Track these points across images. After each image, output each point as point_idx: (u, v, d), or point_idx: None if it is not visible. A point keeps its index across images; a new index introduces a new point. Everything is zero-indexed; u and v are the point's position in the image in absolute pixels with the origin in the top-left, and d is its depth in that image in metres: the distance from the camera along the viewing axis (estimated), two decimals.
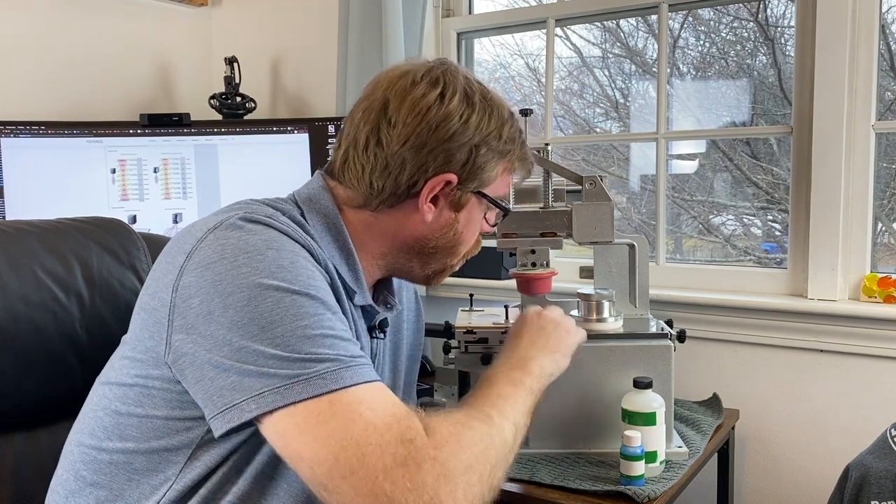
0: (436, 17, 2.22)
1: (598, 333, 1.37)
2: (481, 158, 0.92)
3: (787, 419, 1.72)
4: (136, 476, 0.81)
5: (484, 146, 0.92)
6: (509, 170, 0.98)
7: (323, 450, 0.70)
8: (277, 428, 0.72)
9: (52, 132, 1.99)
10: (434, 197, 0.92)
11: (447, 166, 0.91)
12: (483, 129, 0.92)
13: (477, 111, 0.92)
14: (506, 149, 0.95)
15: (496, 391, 0.91)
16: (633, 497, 1.21)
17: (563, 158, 2.18)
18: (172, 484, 0.80)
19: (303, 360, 0.73)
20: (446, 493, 0.70)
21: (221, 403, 0.73)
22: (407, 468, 0.69)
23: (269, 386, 0.72)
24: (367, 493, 0.68)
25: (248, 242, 0.78)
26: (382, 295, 1.02)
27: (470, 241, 1.00)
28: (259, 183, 2.09)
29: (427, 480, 0.69)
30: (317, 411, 0.71)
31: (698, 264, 2.00)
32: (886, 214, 1.78)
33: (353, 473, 0.69)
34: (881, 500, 1.11)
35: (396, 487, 0.68)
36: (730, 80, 2.01)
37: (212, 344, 0.74)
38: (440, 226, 0.95)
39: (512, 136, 0.95)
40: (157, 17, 2.42)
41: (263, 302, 0.74)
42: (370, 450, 0.70)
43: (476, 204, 0.96)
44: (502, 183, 0.98)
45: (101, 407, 0.85)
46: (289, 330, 0.74)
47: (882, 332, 1.59)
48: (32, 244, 1.06)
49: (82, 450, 0.85)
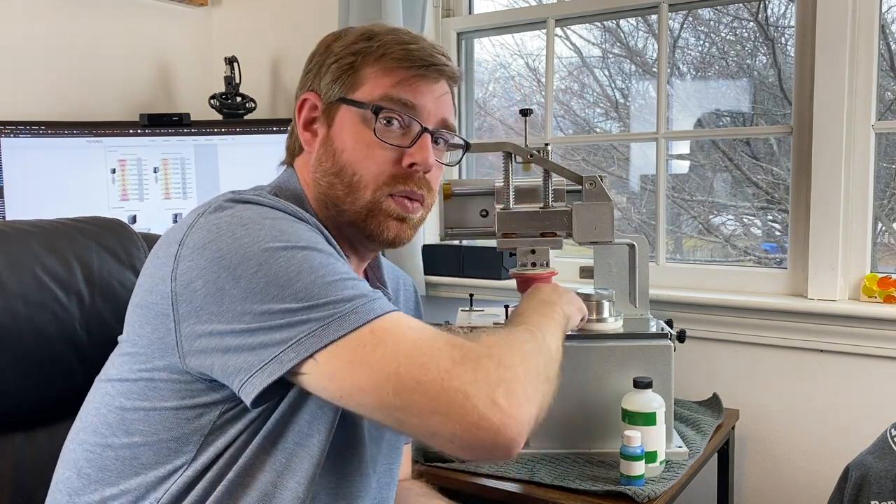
0: (436, 17, 2.22)
1: (598, 333, 1.37)
2: (328, 65, 0.91)
3: (787, 419, 1.72)
4: (143, 470, 0.81)
5: (332, 57, 0.91)
6: (385, 69, 0.89)
7: (383, 372, 0.70)
8: (325, 371, 0.72)
9: (52, 132, 1.99)
10: (310, 123, 0.93)
11: (304, 87, 0.94)
12: (339, 40, 0.92)
13: (338, 38, 0.93)
14: (361, 47, 0.90)
15: (531, 319, 0.92)
16: (633, 497, 1.21)
17: (563, 158, 2.18)
18: (183, 472, 0.79)
19: (330, 302, 0.73)
20: (511, 378, 0.72)
21: (257, 362, 0.72)
22: (466, 365, 0.71)
23: (304, 332, 0.72)
24: (440, 394, 0.69)
25: (242, 217, 0.78)
26: (374, 285, 1.02)
27: (362, 162, 0.89)
28: (259, 183, 2.08)
29: (490, 369, 0.71)
30: (362, 342, 0.72)
31: (698, 264, 2.00)
32: (886, 214, 1.78)
33: (420, 383, 0.70)
34: (881, 500, 1.11)
35: (464, 381, 0.70)
36: (730, 80, 2.01)
37: (231, 317, 0.73)
38: (321, 151, 0.91)
39: (371, 34, 0.91)
40: (157, 17, 2.42)
41: (276, 263, 0.74)
42: (427, 359, 0.71)
43: (346, 114, 0.89)
44: (378, 82, 0.89)
45: (105, 404, 0.84)
46: (309, 282, 0.73)
47: (882, 332, 1.59)
48: (32, 244, 1.06)
49: (85, 447, 0.85)
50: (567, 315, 1.05)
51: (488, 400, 0.69)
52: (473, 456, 0.74)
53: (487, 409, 0.69)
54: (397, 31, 0.92)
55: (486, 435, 0.69)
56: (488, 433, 0.69)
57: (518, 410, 0.71)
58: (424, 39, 0.92)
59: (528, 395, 0.73)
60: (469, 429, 0.69)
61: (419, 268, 2.08)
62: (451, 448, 0.72)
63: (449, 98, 0.93)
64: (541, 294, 1.07)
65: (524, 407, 0.72)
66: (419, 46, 0.90)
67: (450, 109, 0.93)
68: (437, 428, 0.70)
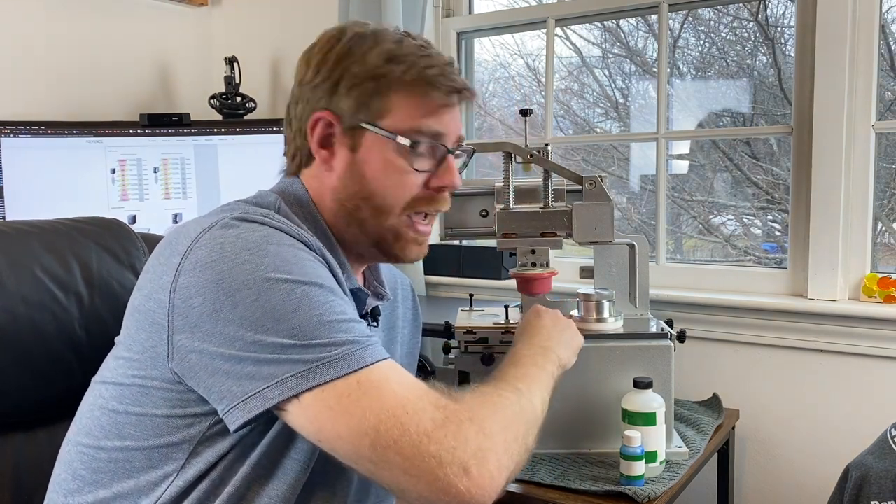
0: (436, 17, 2.22)
1: (598, 333, 1.37)
2: (350, 85, 0.87)
3: (787, 419, 1.72)
4: (135, 474, 0.81)
5: (348, 72, 0.87)
6: (416, 96, 0.88)
7: (363, 425, 0.71)
8: (308, 414, 0.72)
9: (52, 132, 1.99)
10: (327, 141, 0.90)
11: (317, 104, 0.89)
12: (353, 54, 0.88)
13: (346, 40, 0.89)
14: (389, 69, 0.86)
15: (522, 371, 0.93)
16: (633, 497, 1.21)
17: (563, 158, 2.18)
18: (174, 480, 0.80)
19: (322, 345, 0.73)
20: (488, 447, 0.73)
21: (241, 393, 0.73)
22: (447, 428, 0.71)
23: (291, 371, 0.72)
24: (414, 456, 0.70)
25: (247, 240, 0.77)
26: (372, 286, 1.03)
27: (394, 189, 0.89)
28: (259, 183, 2.08)
29: (469, 436, 0.72)
30: (347, 391, 0.72)
31: (698, 264, 2.00)
32: (886, 214, 1.78)
33: (397, 442, 0.70)
34: (881, 500, 1.11)
35: (442, 447, 0.70)
36: (730, 80, 2.01)
37: (222, 340, 0.73)
38: (343, 172, 0.89)
39: (398, 56, 0.87)
40: (157, 18, 2.42)
41: (274, 295, 0.74)
42: (409, 418, 0.71)
43: (375, 141, 0.88)
44: (411, 112, 0.87)
45: (98, 406, 0.84)
46: (304, 319, 0.73)
47: (882, 332, 1.59)
48: (32, 244, 1.06)
49: (80, 449, 0.85)
50: (563, 364, 1.05)
51: (460, 469, 0.70)
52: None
53: (457, 478, 0.70)
54: (420, 47, 0.90)
55: (452, 500, 0.70)
56: (454, 499, 0.70)
57: (488, 482, 0.72)
58: (440, 54, 0.91)
59: (501, 466, 0.74)
60: (436, 492, 0.70)
61: (419, 268, 2.08)
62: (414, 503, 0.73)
63: (460, 112, 0.95)
64: (540, 335, 1.06)
65: (494, 478, 0.72)
66: (445, 70, 0.89)
67: (461, 123, 0.95)
68: (406, 486, 0.71)
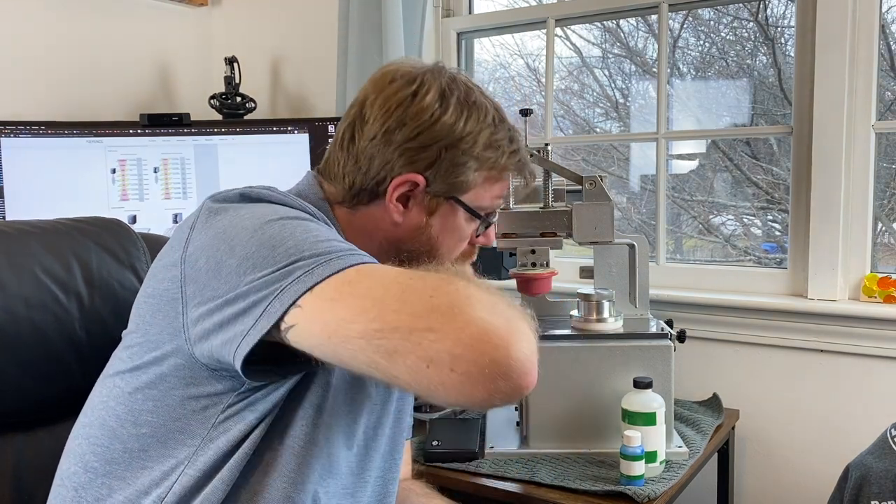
0: (436, 17, 2.22)
1: (598, 333, 1.37)
2: (452, 162, 0.89)
3: (787, 419, 1.72)
4: (149, 463, 0.81)
5: (455, 149, 0.89)
6: (494, 178, 0.93)
7: (368, 299, 0.66)
8: (310, 315, 0.67)
9: (52, 132, 1.99)
10: (405, 198, 0.90)
11: (413, 166, 0.89)
12: (457, 131, 0.89)
13: (451, 112, 0.89)
14: (485, 155, 0.90)
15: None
16: (633, 497, 1.21)
17: (563, 158, 2.18)
18: (185, 469, 0.80)
19: (317, 253, 0.71)
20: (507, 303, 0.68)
21: (250, 320, 0.70)
22: (452, 283, 0.67)
23: (288, 281, 0.69)
24: (429, 310, 0.64)
25: (249, 203, 0.81)
26: None
27: (453, 249, 0.95)
28: (259, 183, 2.08)
29: (470, 290, 0.67)
30: (346, 280, 0.68)
31: (698, 264, 2.00)
32: (886, 214, 1.78)
33: (406, 302, 0.65)
34: (881, 500, 1.11)
35: (459, 295, 0.65)
36: (730, 80, 2.01)
37: (227, 287, 0.73)
38: (411, 228, 0.92)
39: (495, 142, 0.91)
40: (157, 18, 2.42)
41: (269, 229, 0.74)
42: (414, 282, 0.67)
43: (451, 210, 0.92)
44: (486, 192, 0.93)
45: (113, 397, 0.84)
46: (300, 240, 0.72)
47: (882, 332, 1.59)
48: (32, 244, 1.06)
49: (92, 441, 0.85)
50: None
51: (486, 312, 0.63)
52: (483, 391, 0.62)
53: (490, 317, 0.62)
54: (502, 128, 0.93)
55: (495, 351, 0.61)
56: (497, 348, 0.61)
57: (519, 324, 0.64)
58: (520, 136, 0.97)
59: (516, 316, 0.66)
60: (472, 343, 0.61)
61: None
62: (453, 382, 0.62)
63: None
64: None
65: (524, 321, 0.65)
66: (523, 161, 0.96)
67: None
68: (432, 351, 0.61)
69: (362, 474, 0.95)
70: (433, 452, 1.38)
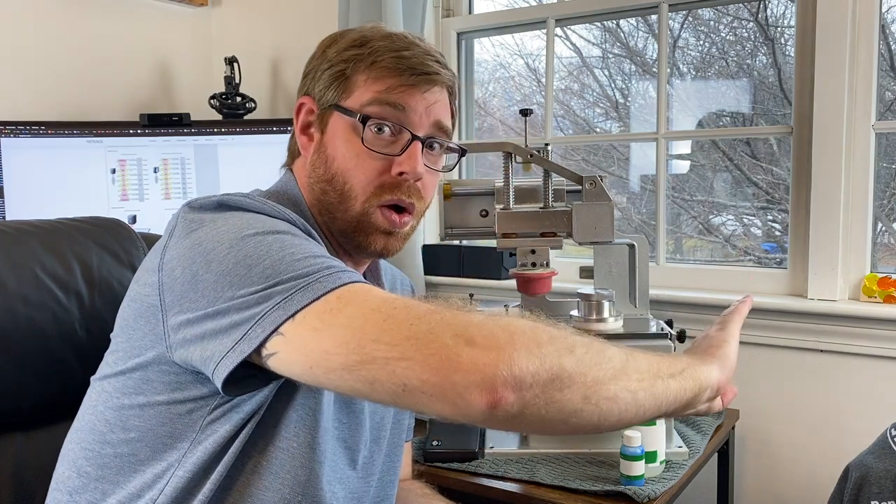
0: (436, 17, 2.22)
1: (598, 333, 1.37)
2: (324, 74, 0.91)
3: (787, 419, 1.72)
4: (140, 466, 0.81)
5: (326, 62, 0.91)
6: (374, 78, 0.88)
7: (349, 329, 0.66)
8: (293, 344, 0.68)
9: (52, 132, 1.99)
10: (307, 125, 0.93)
11: (301, 91, 0.95)
12: (331, 46, 0.92)
13: (335, 42, 0.93)
14: (348, 54, 0.90)
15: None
16: (633, 497, 1.21)
17: (563, 158, 2.18)
18: (175, 471, 0.80)
19: (296, 276, 0.70)
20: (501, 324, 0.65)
21: (230, 342, 0.70)
22: (441, 311, 0.66)
23: (269, 307, 0.69)
24: (406, 338, 0.63)
25: (225, 212, 0.80)
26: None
27: (351, 167, 0.89)
28: (259, 183, 2.08)
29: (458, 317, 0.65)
30: (328, 308, 0.68)
31: (698, 264, 2.00)
32: (886, 214, 1.78)
33: (384, 331, 0.64)
34: (881, 500, 1.11)
35: (433, 322, 0.64)
36: (730, 80, 2.01)
37: (205, 302, 0.72)
38: (312, 155, 0.92)
39: (361, 39, 0.90)
40: (157, 17, 2.42)
41: (246, 246, 0.73)
42: (395, 312, 0.66)
43: (337, 121, 0.90)
44: (367, 90, 0.88)
45: (102, 401, 0.85)
46: (276, 260, 0.71)
47: (882, 332, 1.59)
48: (32, 244, 1.06)
49: (84, 446, 0.85)
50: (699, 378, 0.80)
51: (461, 339, 0.62)
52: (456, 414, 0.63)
53: (459, 348, 0.62)
54: (392, 35, 0.91)
55: (455, 375, 0.61)
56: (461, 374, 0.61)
57: (499, 353, 0.61)
58: (420, 45, 0.91)
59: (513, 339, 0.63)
60: (438, 367, 0.61)
61: (419, 268, 2.08)
62: (427, 403, 0.63)
63: (443, 104, 0.92)
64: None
65: (508, 348, 0.62)
66: (412, 53, 0.89)
67: (444, 114, 0.92)
68: (405, 378, 0.62)
69: (367, 478, 0.95)
70: (433, 452, 1.38)
